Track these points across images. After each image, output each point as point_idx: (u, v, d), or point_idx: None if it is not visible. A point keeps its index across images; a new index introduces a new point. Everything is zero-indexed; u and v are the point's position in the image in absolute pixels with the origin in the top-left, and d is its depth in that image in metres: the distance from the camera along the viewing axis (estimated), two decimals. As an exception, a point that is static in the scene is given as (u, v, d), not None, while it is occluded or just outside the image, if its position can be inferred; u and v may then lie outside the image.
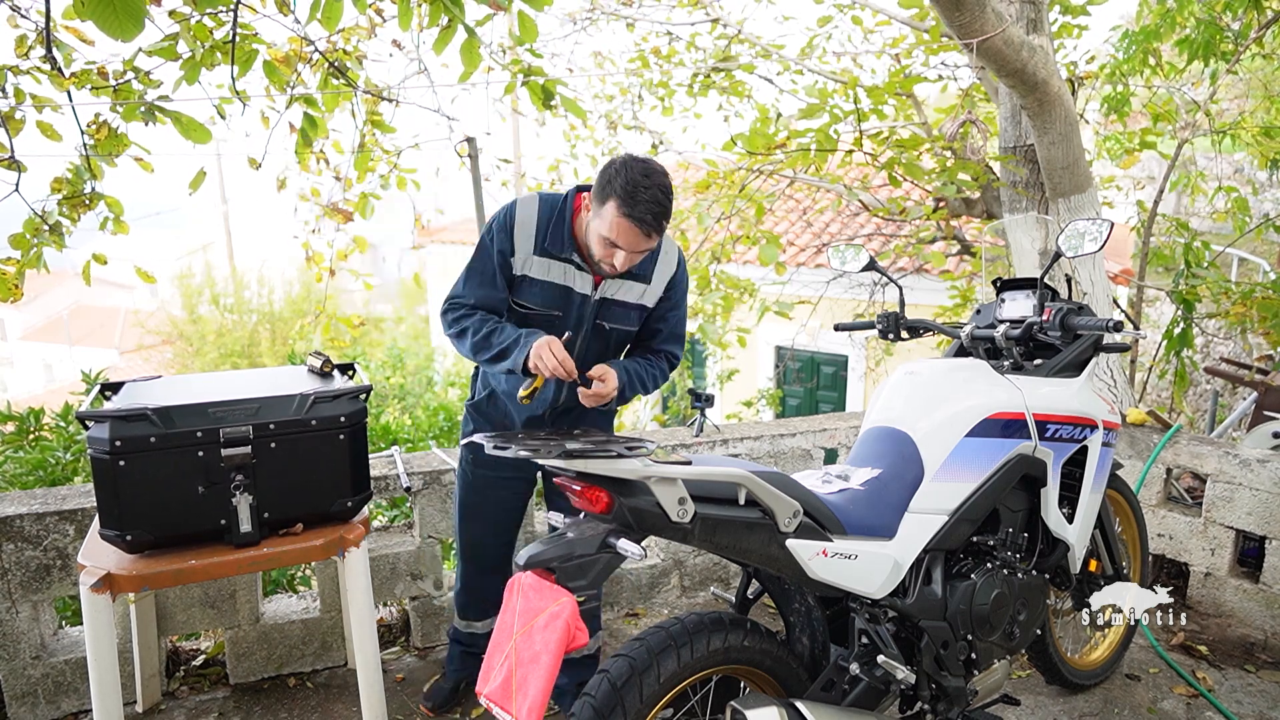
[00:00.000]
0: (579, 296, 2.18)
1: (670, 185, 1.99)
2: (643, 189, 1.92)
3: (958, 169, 4.53)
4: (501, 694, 1.49)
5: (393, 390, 8.20)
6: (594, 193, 2.02)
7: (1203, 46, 4.56)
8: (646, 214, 1.94)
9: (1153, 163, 10.77)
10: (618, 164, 1.97)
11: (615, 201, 1.94)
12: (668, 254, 2.27)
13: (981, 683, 2.06)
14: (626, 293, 2.22)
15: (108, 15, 1.71)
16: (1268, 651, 2.94)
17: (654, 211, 1.95)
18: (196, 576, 1.98)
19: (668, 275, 2.28)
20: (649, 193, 1.93)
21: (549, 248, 2.13)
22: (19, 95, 2.89)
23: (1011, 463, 2.04)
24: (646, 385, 2.30)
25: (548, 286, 2.16)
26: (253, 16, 3.14)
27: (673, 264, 2.28)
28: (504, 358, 2.09)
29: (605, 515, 1.58)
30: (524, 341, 2.05)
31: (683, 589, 3.36)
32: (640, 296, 2.25)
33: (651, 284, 2.25)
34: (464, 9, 2.53)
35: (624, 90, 6.98)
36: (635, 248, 2.00)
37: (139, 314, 18.82)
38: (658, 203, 1.95)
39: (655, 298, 2.28)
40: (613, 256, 2.02)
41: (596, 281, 2.19)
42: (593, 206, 2.03)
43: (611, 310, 2.22)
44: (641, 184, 1.92)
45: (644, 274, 2.23)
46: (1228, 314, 4.37)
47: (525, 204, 2.16)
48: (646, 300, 2.26)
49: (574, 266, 2.15)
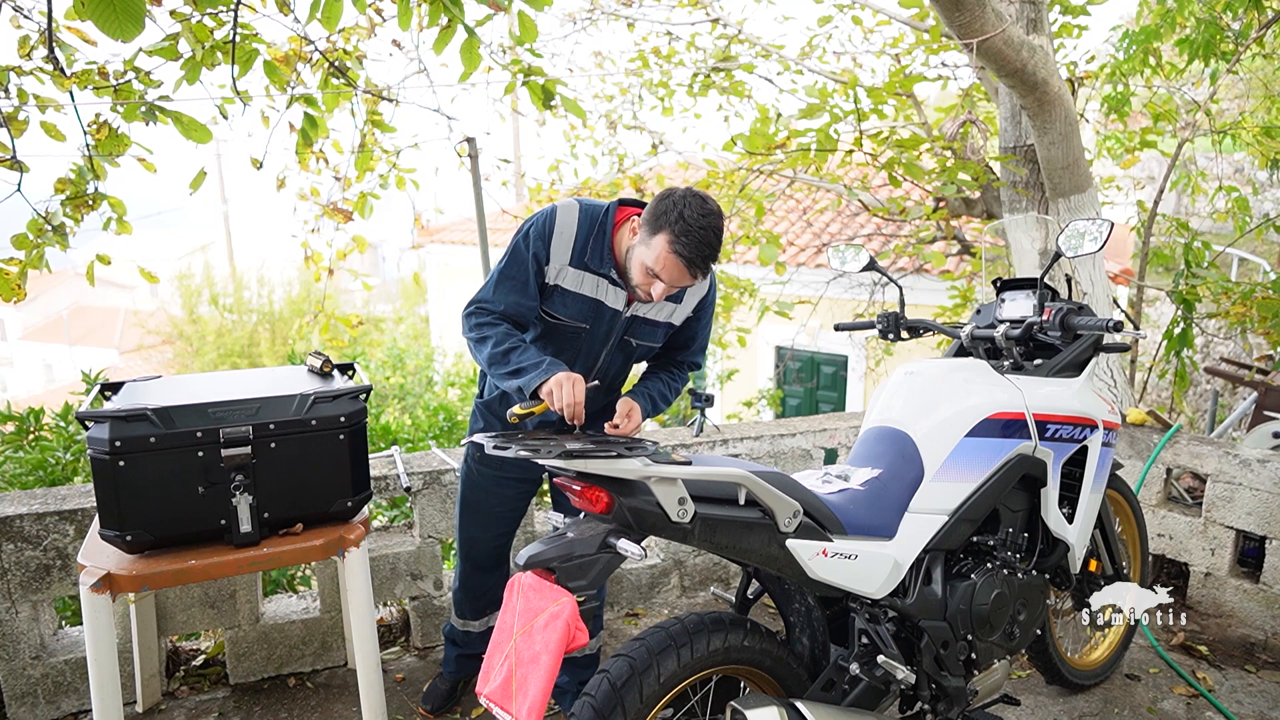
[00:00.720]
0: (610, 311, 2.14)
1: (722, 227, 1.95)
2: (698, 229, 1.88)
3: (958, 169, 4.53)
4: (501, 694, 1.49)
5: (393, 390, 8.20)
6: (646, 219, 1.96)
7: (1203, 46, 4.56)
8: (697, 255, 1.90)
9: (1153, 163, 10.78)
10: (677, 197, 1.92)
11: (668, 235, 1.89)
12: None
13: (981, 683, 2.06)
14: (657, 312, 2.19)
15: (108, 15, 1.71)
16: (1268, 651, 2.94)
17: (704, 254, 1.91)
18: (196, 576, 1.98)
19: (699, 295, 2.26)
20: (704, 234, 1.89)
21: (588, 260, 2.08)
22: (22, 96, 2.89)
23: (1011, 463, 2.04)
24: (669, 401, 2.30)
25: (580, 299, 2.11)
26: (253, 16, 3.15)
27: (705, 284, 2.25)
28: (518, 376, 2.02)
29: (605, 515, 1.58)
30: (546, 369, 1.98)
31: (683, 589, 3.36)
32: (670, 316, 2.22)
33: (683, 304, 2.23)
34: (464, 9, 2.53)
35: (624, 90, 6.98)
36: (678, 284, 1.97)
37: (139, 314, 18.83)
38: (709, 245, 1.91)
39: (684, 317, 2.26)
40: (651, 286, 1.99)
41: (629, 299, 2.14)
42: (641, 232, 1.98)
43: (640, 328, 2.20)
44: (698, 224, 1.88)
45: (678, 295, 2.20)
46: (1228, 314, 4.37)
47: (565, 211, 2.09)
48: (675, 319, 2.24)
49: (608, 282, 2.11)
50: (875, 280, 6.25)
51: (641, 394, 2.23)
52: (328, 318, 5.10)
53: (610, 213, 2.11)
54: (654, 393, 2.25)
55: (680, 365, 2.36)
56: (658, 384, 2.29)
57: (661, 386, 2.28)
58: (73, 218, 3.14)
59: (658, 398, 2.25)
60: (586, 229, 2.09)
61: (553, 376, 1.94)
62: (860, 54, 6.21)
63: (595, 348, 2.19)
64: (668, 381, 2.30)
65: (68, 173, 3.11)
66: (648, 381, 2.30)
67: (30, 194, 2.83)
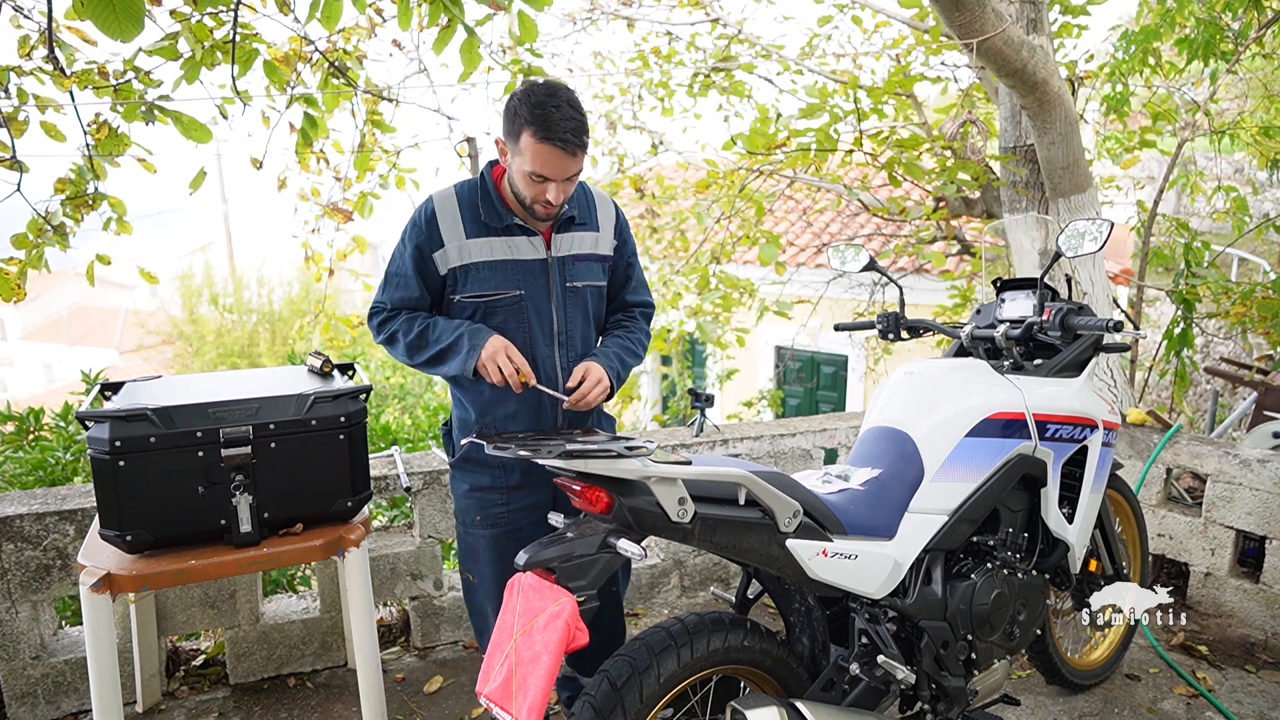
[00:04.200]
0: (536, 264, 2.02)
1: (577, 98, 1.88)
2: (553, 108, 1.81)
3: (958, 169, 4.53)
4: (501, 694, 1.49)
5: (393, 390, 8.18)
6: (504, 133, 1.90)
7: (1203, 46, 4.56)
8: (565, 132, 1.82)
9: (1153, 163, 10.78)
10: (519, 94, 1.85)
11: (529, 131, 1.82)
12: (601, 199, 2.17)
13: (981, 683, 2.06)
14: (580, 245, 2.09)
15: (107, 15, 1.71)
16: (1268, 651, 2.94)
17: (572, 128, 1.83)
18: (196, 576, 1.98)
19: (612, 219, 2.17)
20: (560, 110, 1.81)
21: (486, 221, 1.99)
22: (22, 96, 2.89)
23: (1011, 463, 2.04)
24: (637, 354, 2.18)
25: (497, 266, 2.00)
26: (253, 16, 3.14)
27: (610, 207, 2.18)
28: (445, 359, 1.95)
29: (605, 515, 1.58)
30: (470, 341, 1.91)
31: (683, 589, 3.36)
32: (595, 246, 2.12)
33: (600, 230, 2.13)
34: (464, 9, 2.53)
35: (624, 90, 6.98)
36: (563, 173, 1.88)
37: (139, 314, 18.82)
38: (572, 119, 1.83)
39: (610, 245, 2.16)
40: (544, 193, 1.89)
41: (546, 239, 2.04)
42: (508, 148, 1.91)
43: (575, 267, 2.07)
44: (550, 104, 1.81)
45: (587, 221, 2.11)
46: (1228, 314, 4.37)
47: (441, 194, 2.03)
48: (602, 248, 2.14)
49: (518, 233, 2.01)
50: (875, 280, 6.25)
51: (600, 354, 2.11)
52: (328, 318, 5.10)
53: (487, 171, 2.05)
54: (613, 349, 2.13)
55: (629, 311, 2.25)
56: (614, 340, 2.17)
57: (619, 339, 2.17)
58: (73, 218, 3.14)
59: (621, 351, 2.13)
60: (468, 195, 2.02)
61: (481, 353, 1.89)
62: (860, 54, 6.21)
63: (545, 309, 2.05)
64: (624, 334, 2.20)
65: (68, 173, 3.11)
66: (604, 340, 2.20)
67: (30, 194, 2.83)
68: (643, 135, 7.08)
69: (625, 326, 2.24)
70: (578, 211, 2.08)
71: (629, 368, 2.15)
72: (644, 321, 2.28)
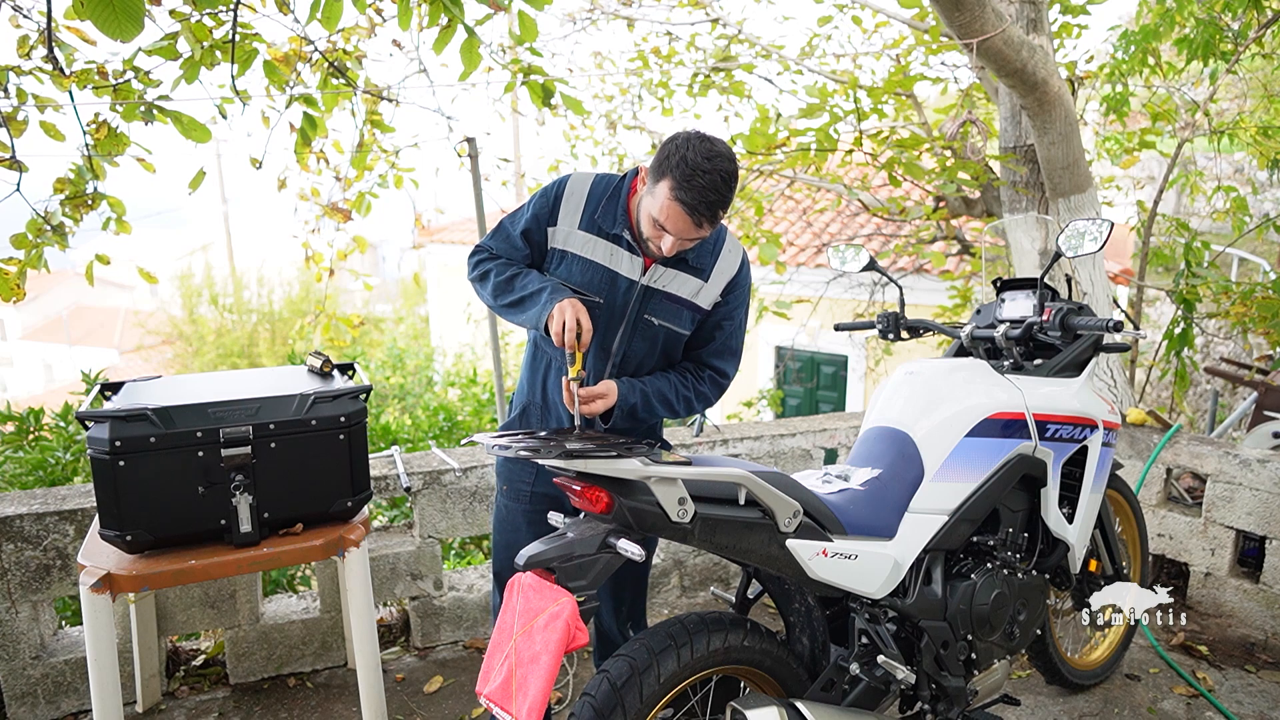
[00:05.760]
0: (624, 281, 1.94)
1: (734, 172, 1.79)
2: (701, 174, 1.73)
3: (958, 169, 4.53)
4: (501, 694, 1.49)
5: (393, 390, 8.19)
6: (651, 167, 1.84)
7: (1202, 46, 4.56)
8: (700, 202, 1.75)
9: (1153, 163, 10.78)
10: (680, 139, 1.78)
11: (669, 182, 1.76)
12: (731, 252, 2.04)
13: (981, 683, 2.06)
14: (679, 286, 1.98)
15: (107, 15, 1.71)
16: (1268, 651, 2.94)
17: (708, 200, 1.75)
18: (196, 576, 1.98)
19: (727, 275, 2.03)
20: (708, 179, 1.74)
21: (599, 221, 1.95)
22: (21, 96, 2.89)
23: (1011, 463, 2.04)
24: (674, 406, 2.03)
25: (589, 265, 1.95)
26: (253, 16, 3.14)
27: (735, 264, 2.04)
28: (524, 307, 1.91)
29: (605, 515, 1.58)
30: (550, 296, 1.85)
31: (683, 589, 3.36)
32: (695, 294, 2.00)
33: (709, 282, 2.01)
34: (464, 9, 2.53)
35: (624, 90, 6.98)
36: (685, 235, 1.82)
37: (139, 314, 18.85)
38: (715, 190, 1.75)
39: (711, 300, 2.02)
40: (660, 239, 1.85)
41: (646, 265, 1.96)
42: (648, 181, 1.85)
43: (660, 304, 1.97)
44: (701, 168, 1.74)
45: (701, 268, 1.99)
46: (1228, 314, 4.36)
47: (579, 177, 1.99)
48: (701, 300, 2.01)
49: (623, 248, 1.94)
50: (875, 280, 6.25)
51: (635, 385, 1.97)
52: (329, 318, 5.10)
53: (627, 178, 1.99)
54: (653, 388, 1.99)
55: (700, 367, 2.09)
56: (663, 380, 2.02)
57: (667, 385, 2.01)
58: (72, 217, 3.14)
59: (654, 395, 1.98)
60: (600, 191, 1.98)
61: (555, 306, 1.84)
62: (860, 54, 6.21)
63: (614, 326, 1.97)
64: (676, 382, 2.03)
65: (67, 172, 3.10)
66: (654, 376, 2.03)
67: (30, 194, 2.83)
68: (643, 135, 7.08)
69: (684, 378, 2.07)
70: (693, 255, 1.98)
71: (654, 413, 2.03)
72: (709, 386, 2.09)
